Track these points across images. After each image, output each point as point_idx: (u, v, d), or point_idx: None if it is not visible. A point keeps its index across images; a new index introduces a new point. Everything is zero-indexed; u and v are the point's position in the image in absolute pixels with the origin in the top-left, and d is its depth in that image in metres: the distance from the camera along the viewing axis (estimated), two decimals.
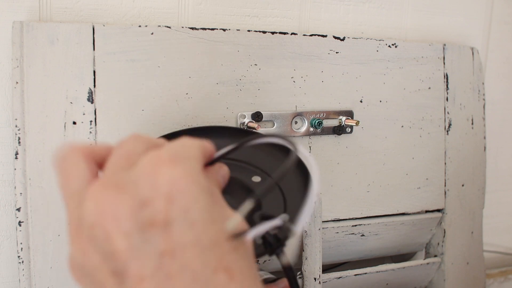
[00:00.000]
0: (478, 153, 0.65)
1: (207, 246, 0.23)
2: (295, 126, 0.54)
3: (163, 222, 0.23)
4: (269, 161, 0.43)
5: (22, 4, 0.48)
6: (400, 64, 0.60)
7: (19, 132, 0.45)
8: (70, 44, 0.46)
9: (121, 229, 0.23)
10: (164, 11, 0.53)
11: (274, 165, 0.43)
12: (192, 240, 0.23)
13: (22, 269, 0.45)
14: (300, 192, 0.40)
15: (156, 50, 0.49)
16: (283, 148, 0.43)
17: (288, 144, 0.31)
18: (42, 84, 0.45)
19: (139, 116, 0.48)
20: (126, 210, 0.23)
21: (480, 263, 0.66)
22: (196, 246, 0.23)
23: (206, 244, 0.23)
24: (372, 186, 0.58)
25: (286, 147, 0.43)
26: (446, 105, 0.62)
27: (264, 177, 0.41)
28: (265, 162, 0.43)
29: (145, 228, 0.23)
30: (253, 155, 0.43)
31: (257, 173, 0.42)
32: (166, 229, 0.23)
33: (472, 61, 0.65)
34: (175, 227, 0.23)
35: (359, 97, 0.57)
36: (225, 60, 0.51)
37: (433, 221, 0.63)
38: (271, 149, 0.44)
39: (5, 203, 0.49)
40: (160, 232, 0.23)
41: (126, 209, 0.23)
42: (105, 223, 0.23)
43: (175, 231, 0.23)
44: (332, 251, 0.58)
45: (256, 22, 0.58)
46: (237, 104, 0.52)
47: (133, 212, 0.23)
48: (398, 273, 0.61)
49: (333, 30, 0.61)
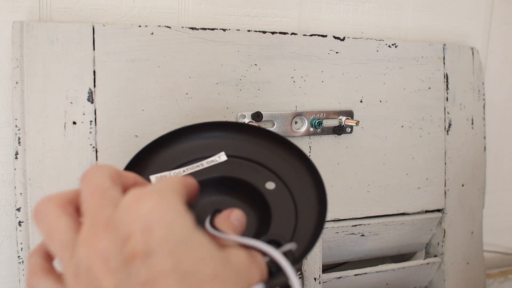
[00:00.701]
0: (478, 153, 0.65)
1: (187, 272, 0.23)
2: (295, 126, 0.54)
3: (143, 253, 0.23)
4: (283, 165, 0.40)
5: (22, 4, 0.48)
6: (400, 64, 0.60)
7: (19, 132, 0.45)
8: (70, 44, 0.46)
9: (109, 267, 0.23)
10: (164, 11, 0.53)
11: (288, 170, 0.40)
12: (172, 267, 0.23)
13: (22, 269, 0.45)
14: (312, 207, 0.37)
15: (156, 50, 0.49)
16: (295, 149, 0.41)
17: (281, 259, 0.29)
18: (42, 84, 0.45)
19: (139, 116, 0.48)
20: (112, 248, 0.24)
21: (480, 263, 0.66)
22: (176, 273, 0.23)
23: (186, 271, 0.23)
24: (372, 186, 0.58)
25: (298, 150, 0.40)
26: (446, 105, 0.62)
27: (278, 183, 0.39)
28: (278, 164, 0.40)
29: (128, 262, 0.23)
30: (266, 155, 0.41)
31: (272, 179, 0.39)
32: (147, 259, 0.23)
33: (472, 61, 0.65)
34: (155, 256, 0.23)
35: (359, 97, 0.57)
36: (225, 60, 0.51)
37: (433, 221, 0.63)
38: (285, 151, 0.41)
39: (5, 203, 0.49)
40: (142, 263, 0.23)
41: (112, 247, 0.24)
42: (95, 264, 0.24)
43: (155, 260, 0.23)
44: (332, 251, 0.58)
45: (256, 22, 0.58)
46: (237, 104, 0.52)
47: (118, 248, 0.24)
48: (398, 273, 0.61)
49: (333, 30, 0.61)
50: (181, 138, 0.42)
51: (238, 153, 0.41)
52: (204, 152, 0.41)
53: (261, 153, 0.41)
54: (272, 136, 0.42)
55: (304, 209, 0.37)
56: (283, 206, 0.37)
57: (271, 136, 0.42)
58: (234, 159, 0.41)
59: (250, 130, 0.43)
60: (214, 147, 0.42)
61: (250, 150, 0.41)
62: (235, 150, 0.41)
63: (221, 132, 0.43)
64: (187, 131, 0.42)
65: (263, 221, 0.37)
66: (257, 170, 0.40)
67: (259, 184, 0.39)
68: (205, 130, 0.42)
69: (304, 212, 0.37)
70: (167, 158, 0.41)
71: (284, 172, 0.40)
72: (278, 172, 0.40)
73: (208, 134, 0.42)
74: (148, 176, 0.39)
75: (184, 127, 0.42)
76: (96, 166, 0.29)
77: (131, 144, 0.48)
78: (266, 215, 0.37)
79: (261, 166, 0.40)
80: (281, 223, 0.36)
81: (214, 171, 0.40)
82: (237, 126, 0.43)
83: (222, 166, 0.40)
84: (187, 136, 0.42)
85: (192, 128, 0.42)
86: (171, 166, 0.41)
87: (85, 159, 0.46)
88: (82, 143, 0.46)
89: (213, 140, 0.42)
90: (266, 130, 0.42)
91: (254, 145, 0.42)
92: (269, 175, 0.40)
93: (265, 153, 0.41)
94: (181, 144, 0.42)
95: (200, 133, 0.42)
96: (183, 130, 0.42)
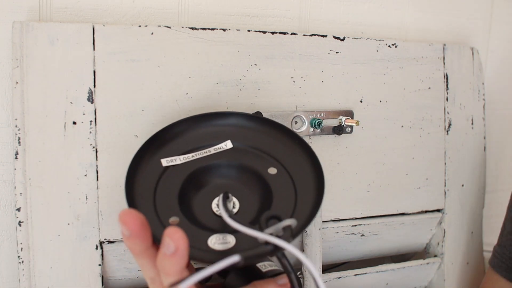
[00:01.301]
0: (478, 153, 0.65)
1: None
2: (295, 126, 0.54)
3: None
4: (285, 152, 0.44)
5: (22, 4, 0.48)
6: (400, 64, 0.60)
7: (19, 132, 0.45)
8: (70, 44, 0.46)
9: None
10: (164, 11, 0.53)
11: (289, 156, 0.43)
12: None
13: (22, 269, 0.45)
14: (312, 187, 0.40)
15: (156, 50, 0.49)
16: (297, 138, 0.44)
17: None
18: (42, 84, 0.45)
19: (139, 116, 0.48)
20: None
21: (480, 263, 0.66)
22: None
23: None
24: (372, 186, 0.58)
25: (299, 139, 0.44)
26: (446, 105, 0.62)
27: (279, 168, 0.42)
28: (280, 151, 0.44)
29: None
30: (269, 143, 0.44)
31: (274, 164, 0.42)
32: None
33: (472, 61, 0.65)
34: None
35: (359, 97, 0.57)
36: (225, 60, 0.51)
37: (433, 221, 0.63)
38: (287, 139, 0.44)
39: (5, 203, 0.49)
40: None
41: None
42: None
43: None
44: (332, 251, 0.58)
45: (256, 22, 0.58)
46: (237, 104, 0.52)
47: None
48: (398, 273, 0.61)
49: (333, 30, 0.61)
50: (191, 125, 0.45)
51: (243, 141, 0.45)
52: (212, 140, 0.45)
53: (264, 141, 0.45)
54: (275, 125, 0.46)
55: (303, 191, 0.40)
56: (284, 189, 0.41)
57: (274, 125, 0.46)
58: (240, 147, 0.44)
59: (255, 119, 0.46)
60: (221, 135, 0.45)
61: (254, 138, 0.45)
62: (240, 138, 0.45)
63: (228, 120, 0.46)
64: (197, 119, 0.45)
65: (265, 202, 0.40)
66: (260, 157, 0.43)
67: (261, 169, 0.42)
68: (213, 119, 0.46)
69: (303, 194, 0.40)
70: (179, 143, 0.44)
71: (286, 159, 0.43)
72: (280, 158, 0.43)
73: (216, 122, 0.46)
74: (159, 159, 0.42)
75: (194, 116, 0.45)
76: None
77: (131, 144, 0.48)
78: (268, 197, 0.40)
79: (264, 153, 0.44)
80: (282, 204, 0.39)
81: (221, 157, 0.43)
82: (243, 116, 0.46)
83: (228, 153, 0.44)
84: (197, 124, 0.45)
85: (202, 117, 0.45)
86: (180, 151, 0.43)
87: (85, 159, 0.46)
88: (82, 143, 0.46)
89: (221, 129, 0.45)
90: (269, 120, 0.46)
91: (258, 133, 0.45)
92: (272, 161, 0.43)
93: (268, 141, 0.45)
94: (191, 131, 0.45)
95: (209, 122, 0.46)
96: (194, 118, 0.45)
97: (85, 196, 0.46)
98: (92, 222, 0.47)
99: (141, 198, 0.39)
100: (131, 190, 0.39)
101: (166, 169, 0.41)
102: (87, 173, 0.46)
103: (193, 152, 0.43)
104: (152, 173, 0.41)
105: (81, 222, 0.46)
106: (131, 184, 0.39)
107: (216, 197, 0.40)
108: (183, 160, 0.42)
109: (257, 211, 0.40)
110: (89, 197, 0.46)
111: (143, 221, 0.33)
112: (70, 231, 0.46)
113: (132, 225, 0.32)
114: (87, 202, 0.46)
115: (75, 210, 0.46)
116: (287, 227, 0.32)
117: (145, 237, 0.33)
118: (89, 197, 0.47)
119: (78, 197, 0.46)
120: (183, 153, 0.43)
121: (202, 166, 0.42)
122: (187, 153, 0.43)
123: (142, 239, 0.33)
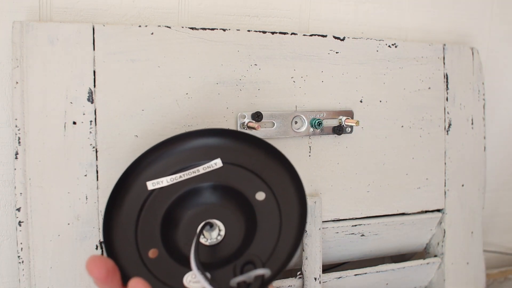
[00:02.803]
0: (478, 153, 0.65)
1: None
2: (295, 126, 0.54)
3: None
4: (275, 176, 0.41)
5: (22, 4, 0.48)
6: (400, 64, 0.60)
7: (19, 132, 0.45)
8: (70, 44, 0.46)
9: None
10: (164, 11, 0.53)
11: (279, 182, 0.41)
12: None
13: (22, 269, 0.45)
14: (294, 225, 0.38)
15: (156, 50, 0.49)
16: (288, 165, 0.41)
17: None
18: (42, 84, 0.45)
19: (139, 116, 0.48)
20: None
21: (480, 263, 0.66)
22: None
23: None
24: (372, 186, 0.58)
25: (290, 165, 0.41)
26: (446, 105, 0.63)
27: (268, 194, 0.40)
28: (271, 175, 0.41)
29: None
30: (259, 164, 0.42)
31: (263, 189, 0.40)
32: None
33: (472, 61, 0.65)
34: None
35: (359, 97, 0.57)
36: (225, 60, 0.51)
37: (433, 221, 0.63)
38: (277, 164, 0.42)
39: (5, 203, 0.49)
40: None
41: None
42: None
43: None
44: (332, 251, 0.58)
45: (256, 22, 0.58)
46: (237, 104, 0.52)
47: None
48: (398, 273, 0.61)
49: (333, 30, 0.61)
50: (178, 144, 0.43)
51: (233, 160, 0.42)
52: (200, 158, 0.42)
53: (254, 161, 0.42)
54: (266, 146, 0.43)
55: (287, 226, 0.38)
56: (269, 221, 0.39)
57: (265, 146, 0.43)
58: (229, 166, 0.42)
59: (246, 138, 0.43)
60: (210, 153, 0.43)
61: (245, 158, 0.43)
62: (230, 157, 0.43)
63: (218, 138, 0.44)
64: (185, 137, 0.43)
65: (248, 233, 0.39)
66: (250, 179, 0.41)
67: (249, 194, 0.40)
68: (202, 137, 0.43)
69: (286, 230, 0.38)
70: (165, 164, 0.42)
71: (275, 183, 0.41)
72: (269, 182, 0.41)
73: (205, 141, 0.43)
74: (145, 182, 0.41)
75: (181, 134, 0.43)
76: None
77: (131, 144, 0.48)
78: (252, 227, 0.39)
79: (254, 175, 0.41)
80: (263, 241, 0.38)
81: (210, 178, 0.41)
82: (233, 134, 0.44)
83: (217, 172, 0.41)
84: (184, 142, 0.43)
85: (190, 135, 0.43)
86: (168, 172, 0.42)
87: (85, 159, 0.46)
88: (82, 143, 0.46)
89: (210, 147, 0.43)
90: (260, 140, 0.43)
91: (248, 153, 0.43)
92: (261, 184, 0.41)
93: (259, 162, 0.42)
94: (178, 150, 0.43)
95: (197, 139, 0.43)
96: (181, 137, 0.43)
97: (85, 196, 0.46)
98: (92, 222, 0.47)
99: (121, 230, 0.38)
100: (110, 221, 0.38)
101: (151, 193, 0.41)
102: (87, 173, 0.46)
103: (181, 172, 0.41)
104: (137, 198, 0.40)
105: (81, 222, 0.46)
106: (111, 215, 0.39)
107: (200, 224, 0.39)
108: (170, 182, 0.41)
109: (240, 242, 0.39)
110: (89, 197, 0.47)
111: (110, 267, 0.34)
112: (70, 231, 0.46)
113: (98, 273, 0.33)
114: (87, 202, 0.46)
115: (75, 210, 0.46)
116: (259, 277, 0.33)
117: (113, 282, 0.34)
118: (89, 197, 0.47)
119: (78, 197, 0.46)
120: (171, 173, 0.41)
121: (189, 189, 0.41)
122: (175, 173, 0.41)
123: (110, 284, 0.34)
